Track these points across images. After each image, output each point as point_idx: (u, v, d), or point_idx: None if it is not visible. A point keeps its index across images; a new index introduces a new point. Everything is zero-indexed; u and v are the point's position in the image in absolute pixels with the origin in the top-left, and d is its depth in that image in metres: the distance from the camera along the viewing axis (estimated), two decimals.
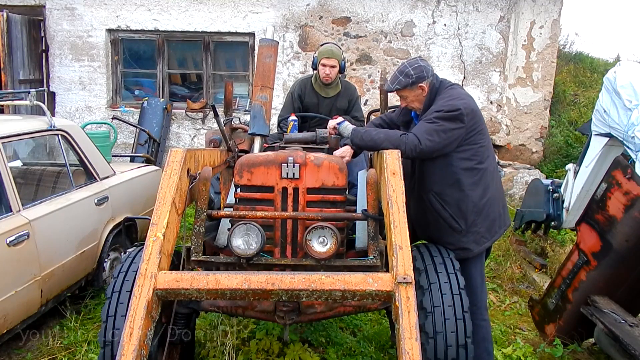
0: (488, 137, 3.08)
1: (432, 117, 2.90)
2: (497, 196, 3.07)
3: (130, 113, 7.85)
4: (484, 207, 2.97)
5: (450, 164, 2.94)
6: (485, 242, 3.02)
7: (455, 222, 2.96)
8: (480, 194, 2.96)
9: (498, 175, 3.16)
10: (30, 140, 4.64)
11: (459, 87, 3.15)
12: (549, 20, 7.44)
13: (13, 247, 3.26)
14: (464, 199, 2.94)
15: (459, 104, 2.90)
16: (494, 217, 3.04)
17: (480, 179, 2.96)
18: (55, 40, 7.85)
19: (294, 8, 7.56)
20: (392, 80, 3.05)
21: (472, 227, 2.97)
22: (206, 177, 2.81)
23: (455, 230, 2.97)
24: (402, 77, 3.00)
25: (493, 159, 3.11)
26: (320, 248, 2.66)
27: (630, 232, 3.18)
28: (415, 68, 3.00)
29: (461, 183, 2.94)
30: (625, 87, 3.67)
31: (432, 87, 3.04)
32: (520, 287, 5.00)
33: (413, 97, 3.06)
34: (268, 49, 3.62)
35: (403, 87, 3.02)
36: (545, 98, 7.67)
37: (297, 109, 4.33)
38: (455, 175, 2.94)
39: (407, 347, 1.91)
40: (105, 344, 2.52)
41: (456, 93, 3.01)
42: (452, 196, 2.96)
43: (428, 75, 3.01)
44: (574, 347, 3.66)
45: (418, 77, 2.99)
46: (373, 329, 3.94)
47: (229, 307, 2.85)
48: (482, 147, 2.98)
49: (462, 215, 2.95)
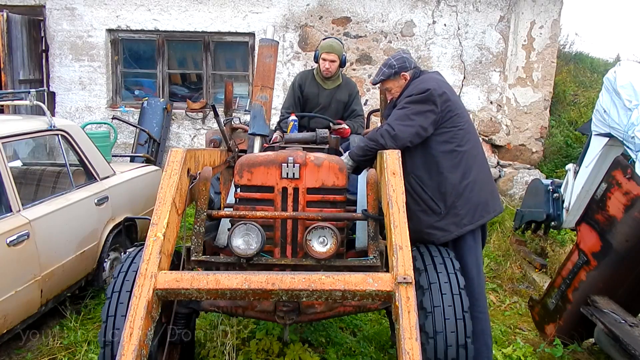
0: (468, 121, 3.13)
1: (403, 102, 3.01)
2: (481, 180, 3.08)
3: (130, 113, 7.85)
4: (464, 190, 3.00)
5: (429, 146, 3.01)
6: (466, 225, 3.03)
7: (435, 204, 3.01)
8: (459, 176, 3.00)
9: (483, 160, 3.17)
10: (30, 140, 4.64)
11: (436, 74, 3.21)
12: (549, 20, 7.44)
13: (13, 247, 3.26)
14: (443, 181, 2.99)
15: (429, 85, 2.98)
16: (478, 202, 3.04)
17: (459, 161, 3.01)
18: (55, 40, 7.85)
19: (294, 8, 7.56)
20: (377, 73, 3.23)
21: (452, 209, 3.01)
22: (206, 177, 2.81)
23: (434, 211, 3.02)
24: (385, 69, 3.17)
25: (476, 142, 3.14)
26: (320, 248, 2.66)
27: (630, 232, 3.18)
28: (398, 59, 3.15)
29: (440, 165, 2.99)
30: (625, 87, 3.67)
31: (413, 76, 3.15)
32: (520, 287, 5.00)
33: (397, 88, 3.18)
34: (268, 49, 3.62)
35: (387, 78, 3.17)
36: (545, 98, 7.66)
37: (297, 98, 4.42)
38: (433, 158, 3.01)
39: (407, 347, 1.91)
40: (105, 344, 2.51)
41: (427, 77, 3.11)
42: (432, 179, 3.01)
43: (410, 66, 3.15)
44: (574, 347, 3.66)
45: (400, 67, 3.13)
46: (373, 329, 3.94)
47: (229, 307, 2.85)
48: (460, 130, 3.03)
49: (441, 197, 3.00)
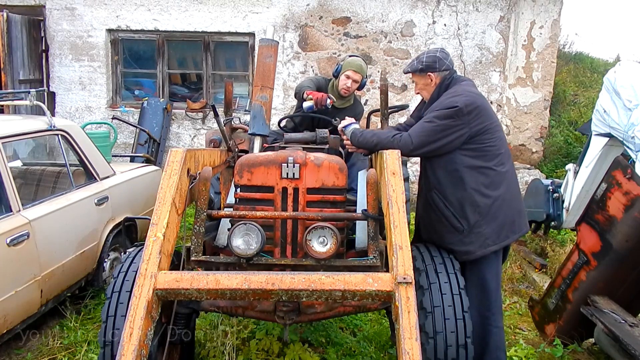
0: (500, 137, 2.95)
1: (430, 116, 2.89)
2: (509, 198, 2.93)
3: (130, 113, 7.85)
4: (490, 209, 2.87)
5: (454, 162, 2.87)
6: (490, 245, 2.89)
7: (457, 222, 2.89)
8: (486, 194, 2.86)
9: (512, 179, 3.00)
10: (30, 140, 4.65)
11: (469, 85, 3.04)
12: (549, 20, 7.44)
13: (13, 247, 3.26)
14: (467, 198, 2.86)
15: (458, 101, 2.83)
16: (504, 221, 2.90)
17: (486, 178, 2.87)
18: (55, 40, 7.85)
19: (294, 8, 7.56)
20: (409, 63, 3.13)
21: (476, 228, 2.88)
22: (206, 177, 2.81)
23: (457, 229, 2.90)
24: (415, 62, 3.07)
25: (505, 159, 2.96)
26: (320, 248, 2.66)
27: (630, 232, 3.18)
28: (429, 57, 3.02)
29: (465, 182, 2.86)
30: (625, 87, 3.67)
31: (443, 81, 3.01)
32: (520, 287, 5.00)
33: (422, 84, 3.09)
34: (268, 49, 3.61)
35: (412, 71, 3.08)
36: (545, 98, 7.67)
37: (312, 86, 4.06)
38: (458, 174, 2.87)
39: (407, 347, 1.91)
40: (105, 344, 2.52)
41: (460, 89, 2.93)
42: (455, 195, 2.89)
43: (440, 68, 3.00)
44: (574, 347, 3.66)
45: (427, 66, 3.01)
46: (373, 329, 3.94)
47: (229, 307, 2.85)
48: (489, 146, 2.88)
49: (464, 215, 2.88)
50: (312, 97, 3.74)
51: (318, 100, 3.70)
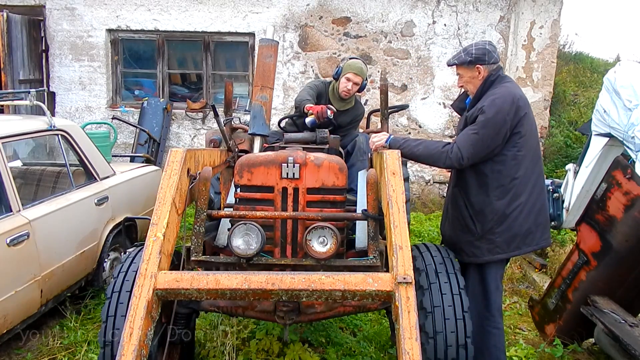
0: (532, 144, 2.89)
1: (475, 127, 2.81)
2: (528, 209, 2.88)
3: (130, 113, 7.85)
4: (507, 218, 2.85)
5: (484, 165, 2.86)
6: (499, 253, 2.89)
7: (473, 224, 2.91)
8: (505, 202, 2.83)
9: (537, 187, 2.94)
10: (30, 140, 4.65)
11: (514, 85, 2.98)
12: (549, 20, 7.44)
13: (13, 247, 3.26)
14: (488, 204, 2.86)
15: (503, 105, 2.79)
16: (518, 232, 2.87)
17: (508, 185, 2.84)
18: (55, 40, 7.85)
19: (294, 8, 7.56)
20: (454, 55, 3.01)
21: (488, 234, 2.88)
22: (206, 177, 2.80)
23: (470, 231, 2.93)
24: (463, 54, 2.95)
25: (534, 167, 2.91)
26: (320, 248, 2.66)
27: (630, 232, 3.18)
28: (478, 49, 2.93)
29: (488, 187, 2.86)
30: (625, 87, 3.67)
31: (489, 75, 2.94)
32: (520, 287, 5.00)
33: (468, 77, 2.97)
34: (268, 49, 3.61)
35: (460, 63, 2.95)
36: (545, 98, 7.66)
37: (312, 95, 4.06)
38: (484, 178, 2.87)
39: (407, 347, 1.91)
40: (105, 344, 2.52)
41: (505, 91, 2.86)
42: (477, 198, 2.90)
43: (489, 61, 2.92)
44: (574, 347, 3.66)
45: (477, 58, 2.91)
46: (373, 329, 3.94)
47: (229, 307, 2.85)
48: (519, 152, 2.83)
49: (480, 219, 2.89)
50: (313, 112, 3.75)
51: (319, 114, 3.72)
